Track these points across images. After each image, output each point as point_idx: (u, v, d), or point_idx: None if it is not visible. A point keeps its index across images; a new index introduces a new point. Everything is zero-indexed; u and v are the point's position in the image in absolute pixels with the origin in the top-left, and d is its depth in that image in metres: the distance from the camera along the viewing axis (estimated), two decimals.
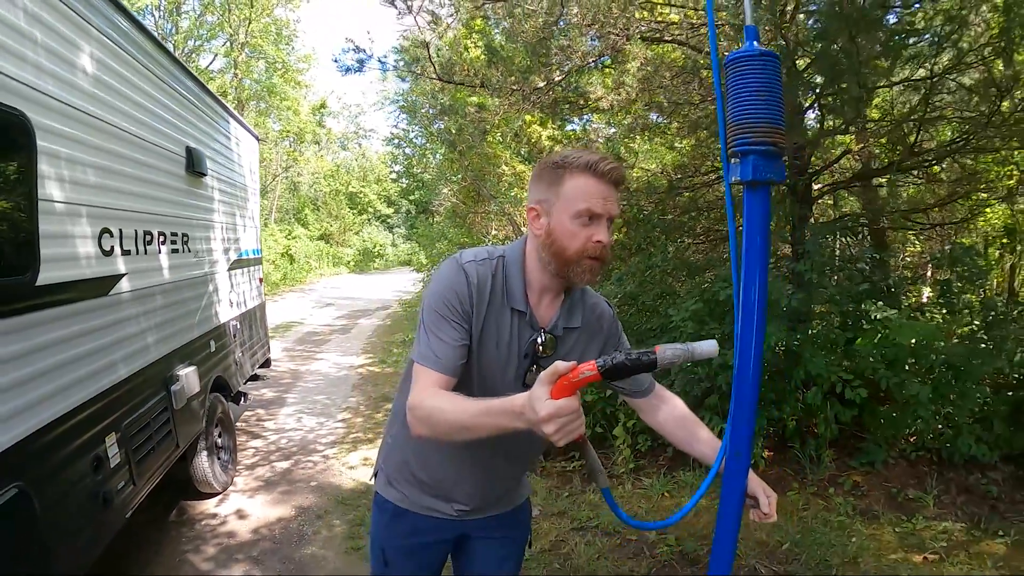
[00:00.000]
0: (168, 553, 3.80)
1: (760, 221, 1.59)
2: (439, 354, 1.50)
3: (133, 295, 3.36)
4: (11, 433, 2.18)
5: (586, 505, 4.15)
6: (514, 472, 1.86)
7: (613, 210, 1.52)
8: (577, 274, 1.52)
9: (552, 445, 1.25)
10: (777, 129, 1.54)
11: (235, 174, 5.87)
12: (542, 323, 1.62)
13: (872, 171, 5.01)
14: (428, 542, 1.85)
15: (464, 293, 1.54)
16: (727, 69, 1.63)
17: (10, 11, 2.30)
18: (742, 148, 1.51)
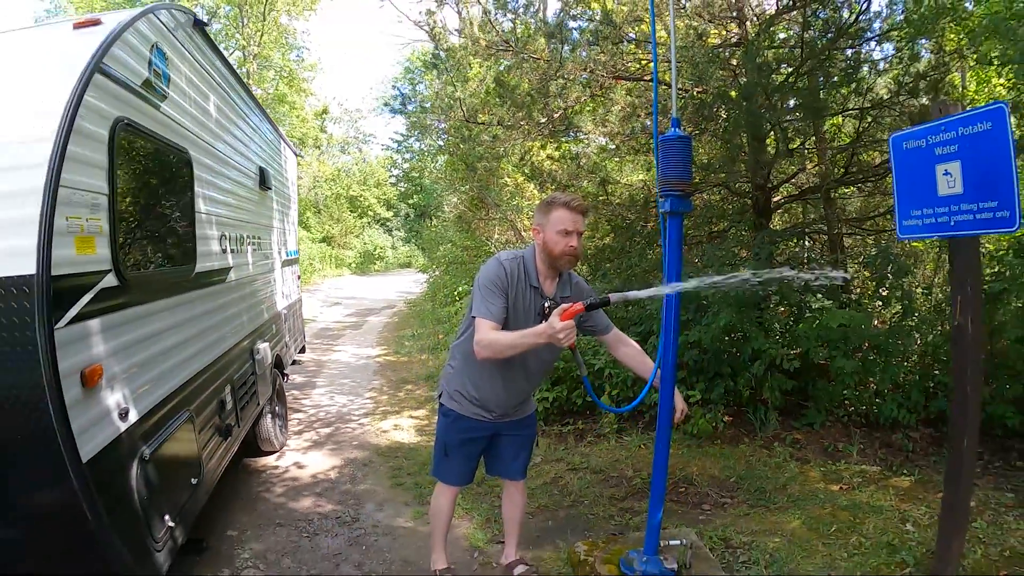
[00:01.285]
0: (244, 494, 4.76)
1: (676, 237, 2.85)
2: (492, 311, 2.66)
3: (237, 283, 4.39)
4: (184, 374, 3.19)
5: (578, 455, 5.17)
6: (527, 389, 3.03)
7: (580, 228, 2.71)
8: (561, 264, 2.74)
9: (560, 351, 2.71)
10: (685, 182, 2.78)
11: (284, 187, 6.90)
12: (547, 294, 2.79)
13: (814, 187, 6.08)
14: (475, 437, 3.05)
15: (503, 277, 2.72)
16: (660, 144, 2.85)
17: (182, 79, 3.32)
18: (664, 193, 2.69)
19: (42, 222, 2.01)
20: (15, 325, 1.99)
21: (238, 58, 23.01)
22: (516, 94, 5.87)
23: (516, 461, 3.16)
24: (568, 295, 2.83)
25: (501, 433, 3.06)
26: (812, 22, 4.80)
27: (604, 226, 7.38)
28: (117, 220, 2.45)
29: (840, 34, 4.71)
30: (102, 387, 2.29)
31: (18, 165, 2.07)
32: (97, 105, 2.30)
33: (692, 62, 4.74)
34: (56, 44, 2.48)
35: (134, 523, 2.41)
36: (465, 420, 2.98)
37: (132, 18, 2.60)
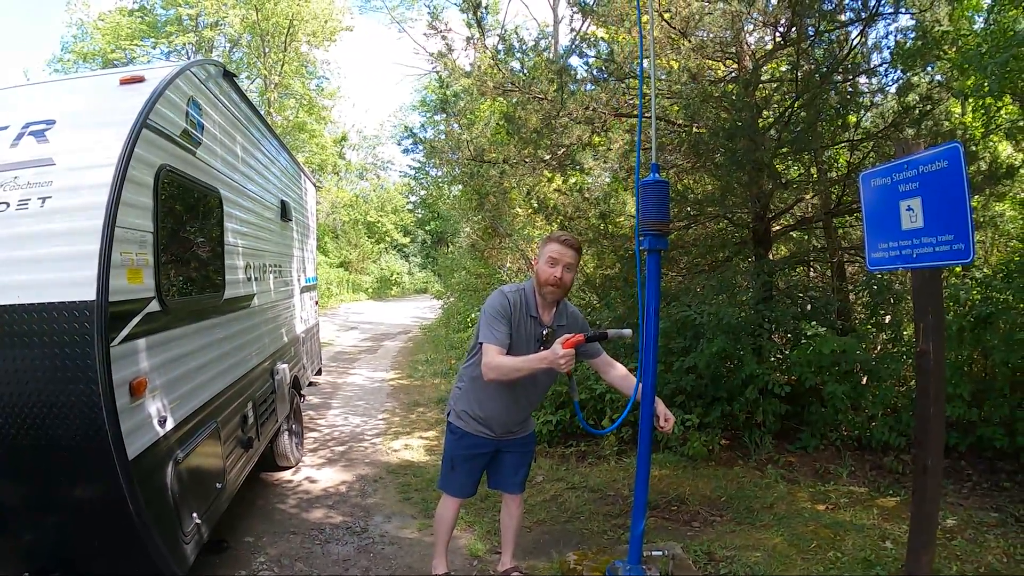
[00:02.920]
0: (260, 505, 5.08)
1: (655, 271, 3.16)
2: (498, 337, 2.97)
3: (259, 308, 4.76)
4: (213, 389, 3.54)
5: (578, 475, 5.43)
6: (527, 409, 3.33)
7: (567, 260, 2.99)
8: (546, 292, 3.03)
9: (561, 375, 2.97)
10: (663, 223, 3.11)
11: (304, 216, 7.32)
12: (545, 322, 3.09)
13: (812, 217, 6.38)
14: (478, 453, 3.34)
15: (507, 306, 3.04)
16: (640, 188, 3.20)
17: (214, 126, 3.72)
18: (643, 231, 3.02)
19: (101, 256, 2.38)
20: (77, 342, 2.36)
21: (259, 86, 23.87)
22: (523, 131, 6.26)
23: (516, 476, 3.46)
24: (564, 324, 3.13)
25: (503, 450, 3.36)
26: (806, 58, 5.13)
27: (610, 256, 7.69)
28: (160, 254, 2.83)
29: (833, 70, 5.03)
30: (146, 397, 2.65)
31: (82, 207, 2.46)
32: (144, 155, 2.69)
33: (685, 101, 5.09)
34: (106, 99, 2.90)
35: (168, 517, 2.74)
36: (470, 437, 3.28)
37: (172, 76, 3.00)
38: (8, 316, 2.41)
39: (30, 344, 2.41)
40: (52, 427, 2.40)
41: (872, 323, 6.15)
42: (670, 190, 5.97)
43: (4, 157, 2.67)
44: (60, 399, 2.39)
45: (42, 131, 2.72)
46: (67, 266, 2.40)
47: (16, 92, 3.30)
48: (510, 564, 3.61)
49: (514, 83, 5.98)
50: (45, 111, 2.83)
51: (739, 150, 4.81)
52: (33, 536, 2.65)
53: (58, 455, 2.44)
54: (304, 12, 21.90)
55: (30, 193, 2.54)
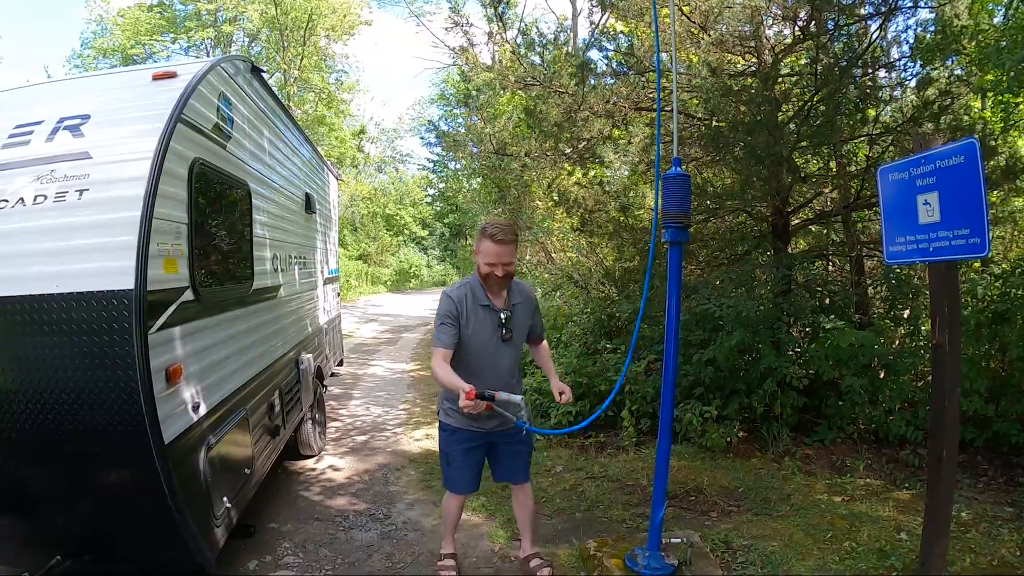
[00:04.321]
0: (285, 492, 5.18)
1: (676, 264, 3.27)
2: (443, 340, 3.13)
3: (285, 299, 4.85)
4: (243, 377, 3.64)
5: (598, 465, 5.48)
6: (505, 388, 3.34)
7: (504, 259, 3.08)
8: (490, 285, 3.15)
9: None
10: (684, 215, 3.18)
11: (327, 209, 7.42)
12: (498, 307, 3.20)
13: (832, 211, 6.34)
14: (472, 447, 3.39)
15: (452, 308, 3.14)
16: (662, 181, 3.23)
17: (243, 120, 3.80)
18: (665, 224, 3.06)
19: (139, 246, 2.47)
20: (116, 330, 2.45)
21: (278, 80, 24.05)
22: (544, 124, 6.29)
23: (515, 466, 3.53)
24: (518, 302, 3.29)
25: (496, 442, 3.42)
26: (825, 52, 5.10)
27: (629, 249, 7.71)
28: (194, 244, 2.91)
29: (852, 64, 5.01)
30: (181, 383, 2.74)
31: (120, 199, 2.55)
32: (179, 149, 2.78)
33: (705, 95, 5.09)
34: (139, 94, 2.99)
35: (201, 500, 2.84)
36: (460, 432, 3.36)
37: (204, 72, 3.08)
38: (47, 305, 2.51)
39: (68, 332, 2.50)
40: (90, 412, 2.50)
41: (890, 317, 6.12)
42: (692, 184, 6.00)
43: (41, 151, 2.77)
44: (98, 385, 2.48)
45: (77, 126, 2.81)
46: (106, 256, 2.48)
47: (47, 88, 3.40)
48: (531, 550, 3.69)
49: (535, 77, 6.01)
50: (79, 106, 2.93)
51: (758, 144, 4.80)
52: (66, 520, 2.76)
53: (95, 440, 2.54)
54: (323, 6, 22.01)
55: (67, 186, 2.63)
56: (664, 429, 3.46)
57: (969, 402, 4.75)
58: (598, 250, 8.63)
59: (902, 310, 5.74)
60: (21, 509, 2.73)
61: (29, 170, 2.72)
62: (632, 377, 6.21)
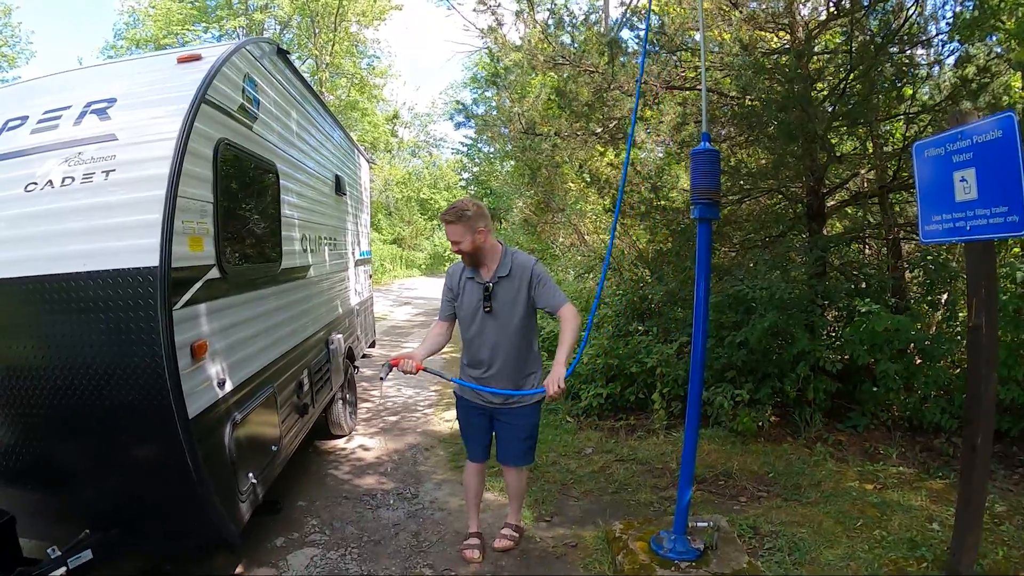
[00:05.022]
0: (314, 471, 5.28)
1: (705, 241, 3.21)
2: (442, 312, 3.56)
3: (315, 279, 4.90)
4: (272, 355, 3.69)
5: (627, 448, 5.44)
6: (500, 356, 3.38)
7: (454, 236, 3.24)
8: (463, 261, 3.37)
9: None
10: (713, 191, 3.11)
11: (358, 191, 7.46)
12: (484, 279, 3.32)
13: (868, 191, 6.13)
14: (473, 417, 3.62)
15: (448, 282, 3.50)
16: (691, 157, 3.17)
17: (269, 101, 3.82)
18: (694, 200, 3.00)
19: (164, 225, 2.50)
20: (142, 306, 2.50)
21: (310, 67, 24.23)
22: (574, 104, 6.21)
23: (508, 450, 3.59)
24: (506, 275, 3.31)
25: (497, 419, 3.53)
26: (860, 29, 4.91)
27: (662, 230, 7.59)
28: (220, 223, 2.95)
29: (888, 41, 4.80)
30: (207, 360, 2.79)
31: (145, 179, 2.58)
32: (204, 129, 2.80)
33: (737, 72, 4.94)
34: (165, 77, 3.02)
35: (225, 474, 2.90)
36: (464, 401, 3.61)
37: (228, 53, 3.10)
38: (74, 283, 2.56)
39: (96, 309, 2.55)
40: (117, 387, 2.55)
41: (927, 302, 5.91)
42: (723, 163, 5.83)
43: (69, 134, 2.82)
44: (125, 360, 2.52)
45: (104, 109, 2.85)
46: (131, 234, 2.52)
47: (77, 75, 3.46)
48: (507, 522, 3.90)
49: (564, 56, 5.92)
50: (106, 90, 2.97)
51: (792, 121, 4.65)
52: (94, 494, 2.83)
53: (122, 414, 2.59)
54: None
55: (94, 167, 2.67)
56: (692, 411, 3.41)
57: (1006, 390, 4.57)
58: (631, 231, 8.51)
59: (939, 294, 5.54)
60: (51, 484, 2.82)
61: (58, 153, 2.77)
62: (663, 359, 6.14)
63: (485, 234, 3.25)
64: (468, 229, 3.21)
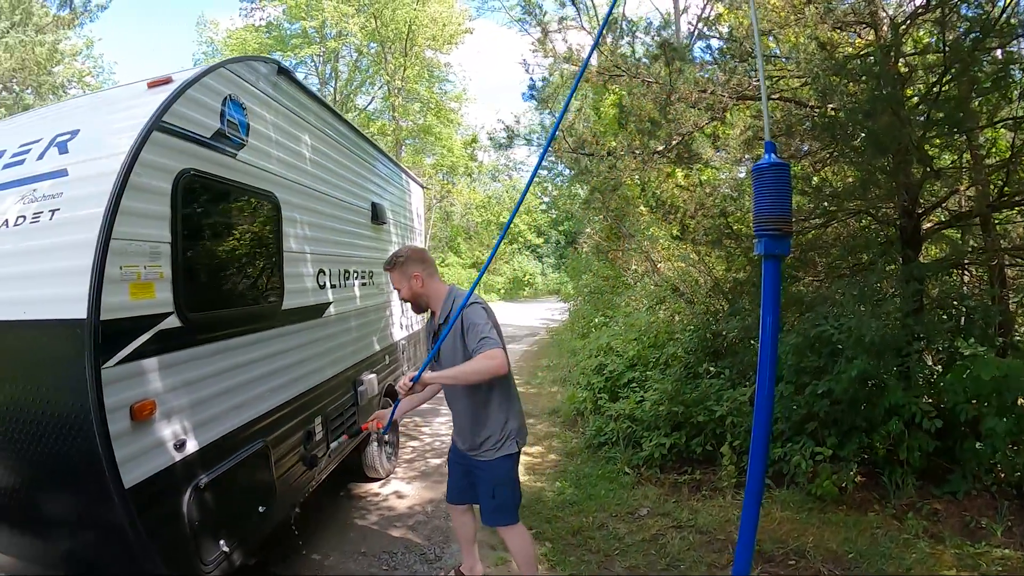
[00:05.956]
0: (339, 519, 4.92)
1: (772, 282, 2.41)
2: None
3: (337, 318, 4.56)
4: (261, 407, 3.33)
5: (687, 510, 4.75)
6: (464, 417, 3.24)
7: (393, 284, 3.23)
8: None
9: None
10: (782, 219, 2.35)
11: (406, 219, 7.18)
12: (437, 322, 3.20)
13: (968, 212, 5.20)
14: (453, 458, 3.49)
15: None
16: (752, 175, 2.47)
17: (263, 126, 3.51)
18: (758, 232, 2.33)
19: (93, 271, 2.19)
20: (69, 363, 2.20)
21: (383, 92, 24.63)
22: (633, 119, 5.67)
23: (481, 505, 3.33)
24: (444, 321, 3.13)
25: (470, 468, 3.32)
26: (953, 23, 4.12)
27: (739, 259, 6.85)
28: (182, 265, 2.63)
29: (987, 34, 3.98)
30: (155, 420, 2.45)
31: (79, 219, 2.31)
32: (157, 161, 2.50)
33: (814, 75, 4.26)
34: (129, 104, 2.75)
35: (180, 545, 2.55)
36: (453, 446, 3.47)
37: (196, 76, 2.81)
38: (15, 332, 2.34)
39: (34, 362, 2.33)
40: (60, 446, 2.28)
41: None
42: (805, 183, 5.06)
43: (31, 170, 2.61)
44: (61, 419, 2.26)
45: (65, 142, 2.62)
46: (64, 281, 2.25)
47: (71, 104, 3.29)
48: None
49: (618, 66, 5.39)
50: (75, 122, 2.75)
51: (880, 130, 3.91)
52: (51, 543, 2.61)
53: (67, 476, 2.34)
54: (422, 16, 22.27)
55: (43, 206, 2.44)
56: (754, 475, 2.67)
57: None
58: (706, 259, 7.79)
59: None
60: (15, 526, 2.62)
61: (18, 190, 2.57)
62: (735, 407, 5.43)
63: (421, 279, 3.14)
64: (403, 275, 3.15)
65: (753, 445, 2.64)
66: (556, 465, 6.17)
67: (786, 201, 2.39)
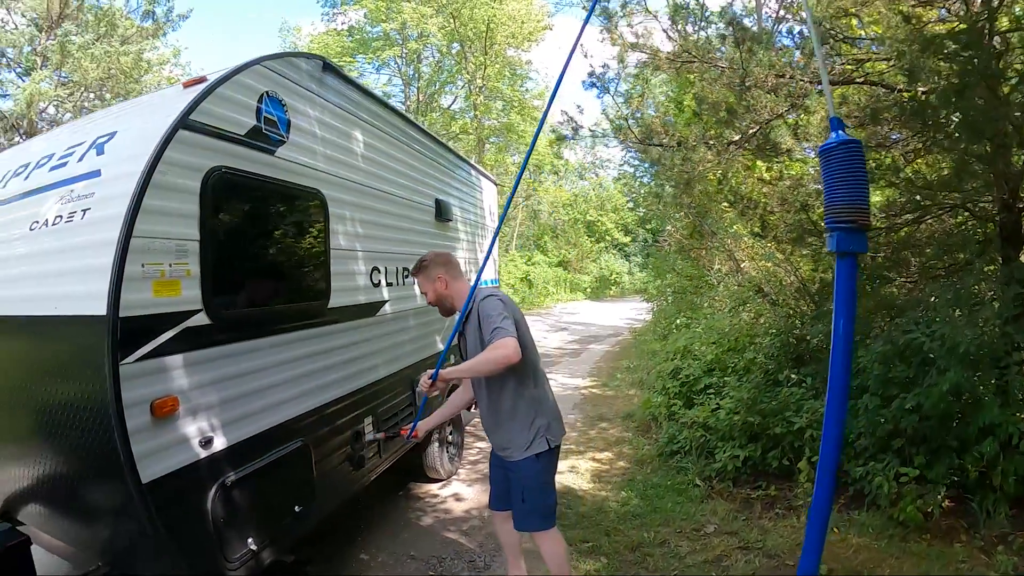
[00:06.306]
0: (394, 518, 4.90)
1: (846, 283, 2.09)
2: None
3: (393, 316, 4.52)
4: (302, 406, 3.31)
5: (757, 529, 4.39)
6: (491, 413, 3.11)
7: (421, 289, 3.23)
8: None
9: None
10: (858, 209, 2.01)
11: (475, 216, 7.08)
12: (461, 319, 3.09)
13: None
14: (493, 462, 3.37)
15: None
16: (820, 158, 2.14)
17: (307, 123, 3.47)
18: (830, 225, 2.02)
19: (114, 269, 2.20)
20: (89, 358, 2.25)
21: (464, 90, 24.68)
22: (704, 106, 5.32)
23: (513, 507, 3.17)
24: (465, 318, 3.06)
25: (505, 466, 3.17)
26: None
27: (827, 258, 6.34)
28: (212, 263, 2.62)
29: None
30: (178, 417, 2.45)
31: (108, 218, 2.34)
32: (182, 159, 2.50)
33: (898, 51, 3.80)
34: (163, 104, 2.79)
35: (202, 541, 2.55)
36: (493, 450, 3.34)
37: (227, 74, 2.80)
38: (48, 327, 2.43)
39: (63, 356, 2.42)
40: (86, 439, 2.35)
41: None
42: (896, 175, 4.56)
43: (72, 171, 2.69)
44: (86, 413, 2.32)
45: (103, 144, 2.69)
46: (89, 279, 2.29)
47: (114, 109, 3.40)
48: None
49: (689, 51, 5.06)
50: (115, 124, 2.82)
51: (974, 110, 3.42)
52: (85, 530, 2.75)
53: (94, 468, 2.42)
54: (500, 15, 22.16)
55: (77, 206, 2.50)
56: (820, 498, 2.35)
57: None
58: (792, 259, 7.28)
59: None
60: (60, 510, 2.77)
61: (59, 191, 2.66)
62: (816, 420, 5.00)
63: (445, 280, 3.13)
64: (427, 279, 3.16)
65: (821, 463, 2.33)
66: (624, 473, 5.91)
67: (860, 187, 2.02)
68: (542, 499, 3.07)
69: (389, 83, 27.15)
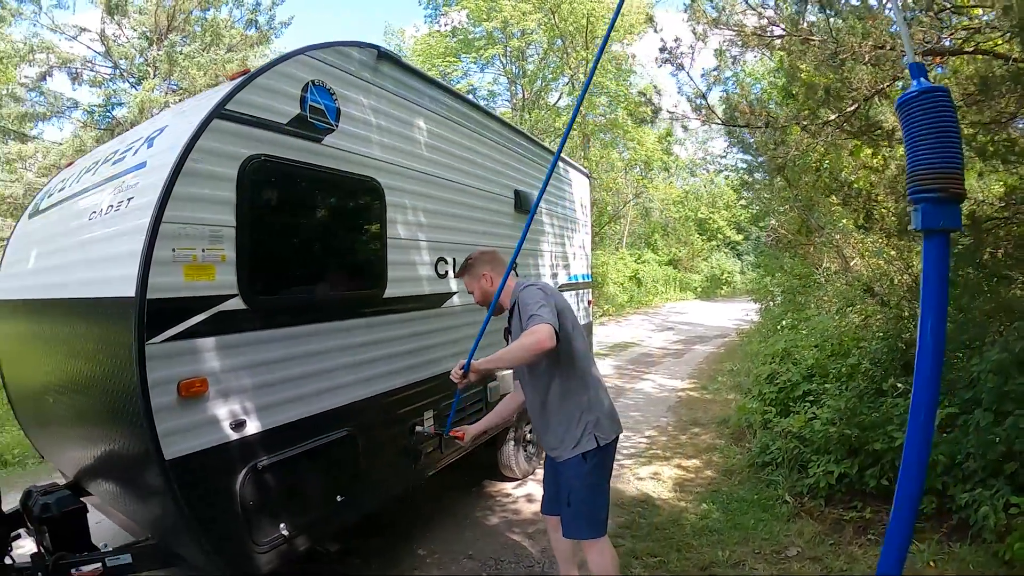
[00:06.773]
0: (461, 515, 4.83)
1: (935, 270, 1.69)
2: None
3: (462, 308, 4.43)
4: (351, 395, 3.29)
5: (845, 556, 3.92)
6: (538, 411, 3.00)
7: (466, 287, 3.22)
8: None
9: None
10: (948, 174, 1.61)
11: (564, 209, 6.88)
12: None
13: None
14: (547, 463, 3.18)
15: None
16: (898, 113, 1.77)
17: (359, 111, 3.43)
18: (914, 196, 1.64)
19: (143, 253, 2.27)
20: (120, 338, 2.35)
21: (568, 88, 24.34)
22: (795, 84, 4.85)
23: (560, 511, 3.01)
24: (509, 313, 3.00)
25: (556, 467, 3.02)
26: None
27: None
28: (249, 249, 2.64)
29: None
30: (207, 398, 2.50)
31: (144, 205, 2.43)
32: (217, 147, 2.54)
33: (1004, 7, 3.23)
34: (208, 97, 2.85)
35: (229, 521, 2.58)
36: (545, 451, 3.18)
37: (267, 64, 2.82)
38: (96, 307, 2.59)
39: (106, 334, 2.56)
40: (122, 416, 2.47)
41: None
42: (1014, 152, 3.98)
43: (125, 164, 2.85)
44: (120, 390, 2.43)
45: (153, 138, 2.81)
46: (123, 263, 2.38)
47: (176, 107, 3.55)
48: None
49: (774, 23, 4.62)
50: (169, 119, 2.96)
51: None
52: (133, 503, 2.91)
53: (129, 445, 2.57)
54: (599, 9, 21.58)
55: (125, 195, 2.63)
56: (896, 533, 2.02)
57: None
58: (905, 255, 6.57)
59: None
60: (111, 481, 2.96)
61: (115, 182, 2.81)
62: None
63: (490, 277, 3.07)
64: (473, 277, 3.13)
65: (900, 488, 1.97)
66: (710, 483, 5.52)
67: (950, 146, 1.62)
68: (590, 503, 2.87)
69: (495, 82, 27.38)
